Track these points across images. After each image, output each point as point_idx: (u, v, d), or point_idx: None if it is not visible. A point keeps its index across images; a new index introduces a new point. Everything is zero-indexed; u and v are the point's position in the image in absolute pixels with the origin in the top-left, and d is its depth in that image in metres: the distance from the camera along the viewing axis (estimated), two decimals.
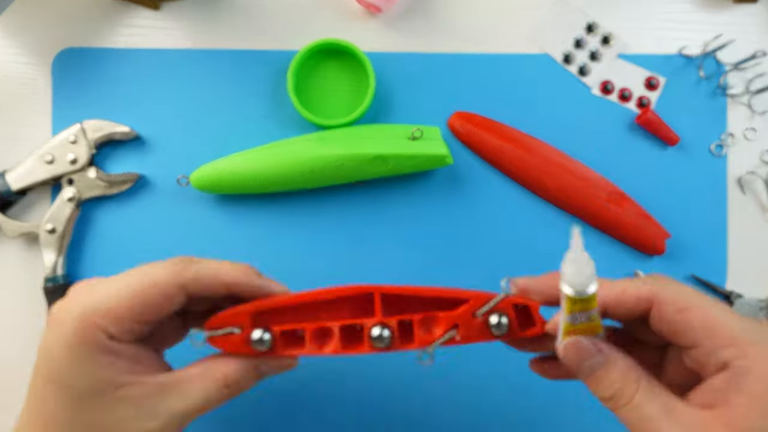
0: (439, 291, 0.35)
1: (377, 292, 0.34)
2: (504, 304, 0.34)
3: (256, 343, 0.34)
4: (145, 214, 0.52)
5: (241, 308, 0.34)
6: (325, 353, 0.34)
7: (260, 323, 0.34)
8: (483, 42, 0.53)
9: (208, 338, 0.34)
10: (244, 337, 0.34)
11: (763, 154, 0.53)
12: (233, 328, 0.34)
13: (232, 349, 0.34)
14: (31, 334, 0.52)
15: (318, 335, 0.35)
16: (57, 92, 0.52)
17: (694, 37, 0.53)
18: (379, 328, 0.34)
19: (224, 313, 0.34)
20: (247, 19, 0.53)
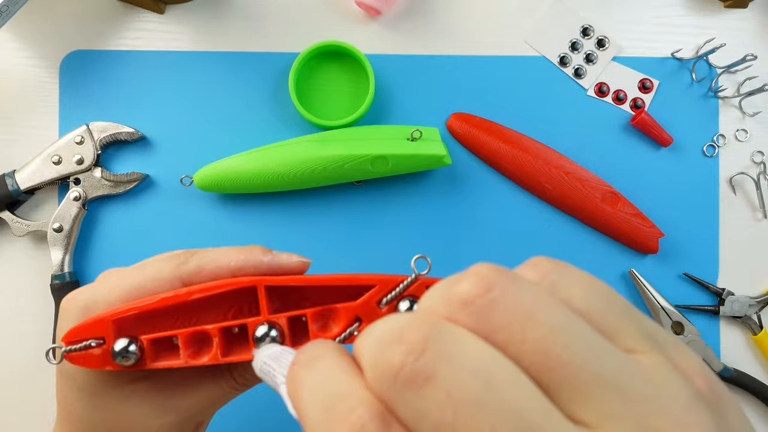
0: (337, 278, 0.28)
1: (261, 285, 0.28)
2: (416, 287, 0.28)
3: (119, 357, 0.27)
4: (150, 213, 0.53)
5: (102, 315, 0.28)
6: (201, 363, 0.28)
7: (129, 332, 0.28)
8: (481, 44, 0.54)
9: (66, 354, 0.28)
10: (107, 350, 0.28)
11: (754, 154, 0.54)
12: (92, 341, 0.28)
13: (94, 364, 0.28)
14: (38, 331, 0.52)
15: (195, 341, 0.29)
16: (64, 94, 0.53)
17: (687, 40, 0.54)
18: (265, 327, 0.27)
19: (83, 323, 0.28)
20: (249, 22, 0.53)
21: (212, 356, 0.28)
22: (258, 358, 0.24)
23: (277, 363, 0.22)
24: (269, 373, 0.22)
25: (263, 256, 0.30)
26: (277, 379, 0.21)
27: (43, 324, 0.52)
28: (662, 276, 0.53)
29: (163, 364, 0.29)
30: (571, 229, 0.53)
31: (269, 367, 0.22)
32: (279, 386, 0.21)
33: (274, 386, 0.22)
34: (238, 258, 0.29)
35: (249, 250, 0.30)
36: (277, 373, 0.22)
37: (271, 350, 0.24)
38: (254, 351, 0.25)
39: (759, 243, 0.54)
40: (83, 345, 0.28)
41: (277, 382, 0.21)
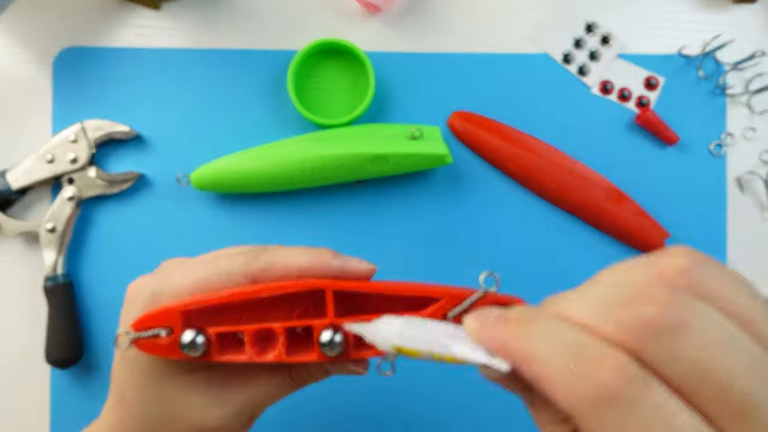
0: (406, 288, 0.29)
1: (329, 289, 0.29)
2: (483, 303, 0.28)
3: (187, 348, 0.29)
4: (145, 213, 0.52)
5: (171, 306, 0.30)
6: (266, 360, 0.29)
7: (194, 324, 0.30)
8: (482, 42, 0.53)
9: (134, 341, 0.29)
10: (174, 340, 0.29)
11: (762, 153, 0.53)
12: (160, 330, 0.29)
13: (161, 353, 0.30)
14: (31, 333, 0.52)
15: (260, 339, 0.30)
16: (57, 92, 0.52)
17: (694, 37, 0.53)
18: (330, 333, 0.28)
19: (152, 313, 0.30)
20: (247, 19, 0.53)
21: (277, 354, 0.29)
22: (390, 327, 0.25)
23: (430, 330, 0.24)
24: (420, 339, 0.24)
25: (333, 259, 0.30)
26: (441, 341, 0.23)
27: (35, 326, 0.52)
28: None
29: (229, 358, 0.30)
30: (575, 229, 0.53)
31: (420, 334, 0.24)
32: (451, 347, 0.23)
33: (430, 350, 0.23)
34: (307, 259, 0.30)
35: (319, 252, 0.30)
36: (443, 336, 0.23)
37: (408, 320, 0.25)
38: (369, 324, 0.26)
39: (767, 243, 0.53)
40: (152, 333, 0.29)
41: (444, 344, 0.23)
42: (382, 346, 0.25)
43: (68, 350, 0.50)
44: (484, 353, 0.22)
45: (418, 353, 0.24)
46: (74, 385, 0.52)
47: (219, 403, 0.32)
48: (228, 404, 0.32)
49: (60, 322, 0.50)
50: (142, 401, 0.32)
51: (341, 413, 0.52)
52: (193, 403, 0.31)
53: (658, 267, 0.20)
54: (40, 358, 0.51)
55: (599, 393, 0.18)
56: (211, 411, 0.32)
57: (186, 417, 0.31)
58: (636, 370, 0.18)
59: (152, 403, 0.31)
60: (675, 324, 0.18)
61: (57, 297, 0.50)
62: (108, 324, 0.52)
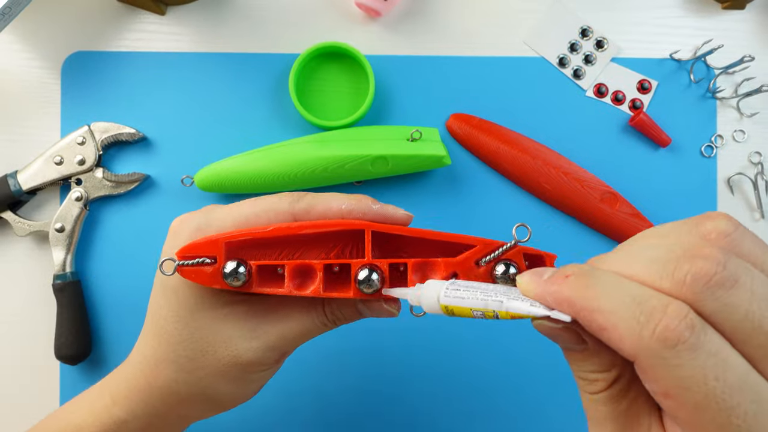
0: (441, 234, 0.30)
1: (369, 229, 0.30)
2: (514, 253, 0.30)
3: (229, 277, 0.30)
4: (151, 213, 0.53)
5: (217, 237, 0.30)
6: (304, 294, 0.30)
7: (236, 255, 0.30)
8: (480, 45, 0.54)
9: (178, 267, 0.30)
10: (217, 269, 0.30)
11: (752, 155, 0.54)
12: (205, 258, 0.30)
13: (203, 281, 0.30)
14: (41, 330, 0.52)
15: (299, 274, 0.31)
16: (66, 95, 0.53)
17: (685, 41, 0.54)
18: (368, 271, 0.29)
19: (197, 242, 0.30)
20: (250, 23, 0.54)
21: (314, 289, 0.30)
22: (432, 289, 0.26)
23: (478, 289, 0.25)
24: (470, 298, 0.25)
25: (372, 204, 0.31)
26: (495, 298, 0.24)
27: (45, 323, 0.52)
28: None
29: (268, 290, 0.30)
30: (570, 229, 0.54)
31: (468, 293, 0.25)
32: (507, 303, 0.24)
33: (484, 306, 0.24)
34: (349, 203, 0.31)
35: (358, 198, 0.32)
36: (494, 293, 0.24)
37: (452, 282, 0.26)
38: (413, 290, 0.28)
39: None
40: (197, 261, 0.30)
41: (498, 300, 0.24)
42: (429, 306, 0.27)
43: (77, 346, 0.50)
44: (543, 307, 0.23)
45: (468, 311, 0.25)
46: (83, 380, 0.52)
47: (253, 336, 0.32)
48: (262, 338, 0.32)
49: (69, 319, 0.50)
50: (179, 331, 0.32)
51: (340, 412, 0.53)
52: (229, 336, 0.32)
53: (702, 228, 0.22)
54: (50, 354, 0.52)
55: (665, 337, 0.19)
56: (245, 343, 0.32)
57: (221, 349, 0.32)
58: (696, 318, 0.20)
59: (189, 333, 0.32)
60: (729, 279, 0.20)
61: (66, 295, 0.51)
62: (115, 320, 0.52)
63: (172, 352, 0.32)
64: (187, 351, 0.32)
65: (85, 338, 0.51)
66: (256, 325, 0.32)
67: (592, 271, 0.22)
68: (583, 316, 0.22)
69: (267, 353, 0.33)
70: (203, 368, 0.32)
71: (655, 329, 0.20)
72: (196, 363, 0.32)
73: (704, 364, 0.19)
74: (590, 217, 0.52)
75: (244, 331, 0.32)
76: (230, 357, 0.32)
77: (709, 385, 0.19)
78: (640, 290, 0.21)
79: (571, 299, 0.22)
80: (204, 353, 0.32)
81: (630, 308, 0.20)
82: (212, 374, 0.33)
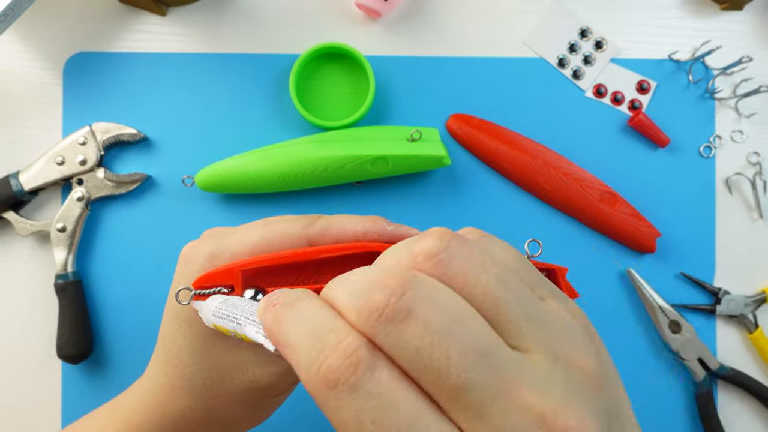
0: None
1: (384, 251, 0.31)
2: None
3: None
4: (152, 213, 0.53)
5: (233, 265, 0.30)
6: None
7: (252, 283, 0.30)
8: (480, 46, 0.54)
9: (195, 297, 0.29)
10: None
11: (750, 155, 0.54)
12: (222, 287, 0.29)
13: None
14: (42, 330, 0.53)
15: None
16: (67, 95, 0.53)
17: (684, 42, 0.54)
18: None
19: (214, 271, 0.30)
20: (250, 24, 0.54)
21: None
22: (209, 304, 0.26)
23: (236, 308, 0.25)
24: (228, 316, 0.25)
25: (386, 225, 0.31)
26: (239, 320, 0.24)
27: (47, 322, 0.53)
28: (659, 275, 0.54)
29: None
30: (570, 228, 0.54)
31: (228, 311, 0.25)
32: (244, 326, 0.23)
33: (233, 328, 0.24)
34: (363, 225, 0.31)
35: (373, 219, 0.31)
36: (240, 316, 0.24)
37: (225, 299, 0.26)
38: (202, 302, 0.28)
39: (755, 243, 0.54)
40: (214, 290, 0.29)
41: (240, 323, 0.24)
42: (207, 323, 0.27)
43: (79, 346, 0.50)
44: (264, 335, 0.22)
45: (226, 331, 0.25)
46: (85, 379, 0.52)
47: (269, 363, 0.32)
48: (277, 363, 0.32)
49: (70, 319, 0.51)
50: (194, 361, 0.32)
51: None
52: (246, 362, 0.31)
53: (414, 248, 0.21)
54: (52, 354, 0.52)
55: (327, 377, 0.18)
56: (262, 369, 0.32)
57: (238, 375, 0.31)
58: (363, 355, 0.18)
59: (206, 362, 0.31)
60: (401, 312, 0.19)
61: (67, 294, 0.51)
62: (117, 320, 0.53)
63: (188, 381, 0.32)
64: (203, 380, 0.32)
65: (86, 337, 0.51)
66: None
67: (294, 301, 0.21)
68: (280, 350, 0.20)
69: (284, 377, 0.32)
70: (220, 396, 0.32)
71: (320, 367, 0.18)
72: (213, 391, 0.32)
73: (362, 406, 0.18)
74: (589, 217, 0.53)
75: (259, 357, 0.32)
76: (248, 383, 0.32)
77: (366, 429, 0.18)
78: (326, 322, 0.20)
79: (271, 330, 0.21)
80: (221, 381, 0.32)
81: (309, 343, 0.19)
82: (229, 401, 0.32)
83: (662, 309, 0.53)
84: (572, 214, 0.53)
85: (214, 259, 0.31)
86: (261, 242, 0.30)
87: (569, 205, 0.53)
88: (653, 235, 0.52)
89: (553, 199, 0.53)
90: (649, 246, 0.52)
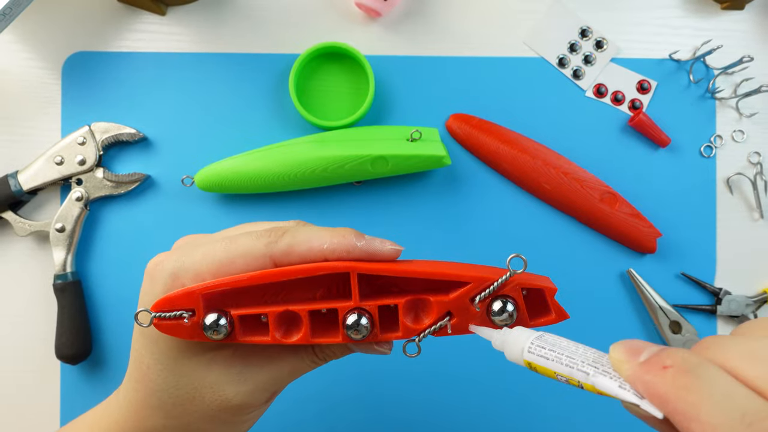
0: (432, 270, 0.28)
1: (353, 271, 0.28)
2: (511, 288, 0.27)
3: (209, 330, 0.28)
4: (151, 213, 0.53)
5: (193, 288, 0.29)
6: (290, 342, 0.29)
7: (216, 305, 0.29)
8: (480, 45, 0.54)
9: (154, 321, 0.28)
10: (196, 323, 0.29)
11: (751, 155, 0.54)
12: (182, 312, 0.28)
13: (182, 334, 0.29)
14: (41, 330, 0.53)
15: (284, 321, 0.29)
16: (66, 95, 0.53)
17: (685, 42, 0.54)
18: (356, 316, 0.28)
19: (174, 294, 0.29)
20: (250, 23, 0.54)
21: (301, 337, 0.29)
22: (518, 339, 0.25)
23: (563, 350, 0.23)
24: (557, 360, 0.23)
25: (356, 240, 0.29)
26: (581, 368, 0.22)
27: (45, 323, 0.53)
28: (660, 276, 0.54)
29: (252, 339, 0.29)
30: (570, 229, 0.54)
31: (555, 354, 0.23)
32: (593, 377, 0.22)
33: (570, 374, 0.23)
34: (330, 241, 0.29)
35: (342, 234, 0.29)
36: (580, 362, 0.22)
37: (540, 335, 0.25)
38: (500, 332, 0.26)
39: (756, 243, 0.54)
40: (174, 315, 0.28)
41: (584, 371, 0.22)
42: (512, 357, 0.25)
43: (77, 346, 0.50)
44: (635, 393, 0.20)
45: (552, 373, 0.23)
46: (83, 379, 0.52)
47: (242, 380, 0.31)
48: (251, 381, 0.31)
49: (69, 319, 0.50)
50: (163, 379, 0.31)
51: (344, 413, 0.53)
52: (216, 381, 0.31)
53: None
54: (51, 354, 0.52)
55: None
56: (234, 387, 0.31)
57: (209, 394, 0.31)
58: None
59: (174, 381, 0.31)
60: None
61: (66, 295, 0.51)
62: (116, 321, 0.53)
63: (158, 399, 0.31)
64: (173, 398, 0.31)
65: (85, 338, 0.51)
66: (243, 368, 0.31)
67: (697, 368, 0.19)
68: (678, 420, 0.18)
69: (256, 395, 0.32)
70: (191, 413, 0.32)
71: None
72: (183, 408, 0.31)
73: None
74: (590, 217, 0.53)
75: (231, 375, 0.31)
76: (219, 402, 0.31)
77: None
78: (754, 405, 0.17)
79: (668, 398, 0.19)
80: (191, 399, 0.31)
81: (736, 424, 0.17)
82: (201, 419, 0.32)
83: (663, 309, 0.52)
84: (572, 214, 0.53)
85: (177, 279, 0.30)
86: (224, 261, 0.29)
87: (569, 205, 0.53)
88: (654, 235, 0.52)
89: (553, 199, 0.53)
90: (650, 246, 0.52)
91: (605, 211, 0.52)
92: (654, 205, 0.53)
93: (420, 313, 0.29)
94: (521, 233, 0.53)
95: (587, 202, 0.52)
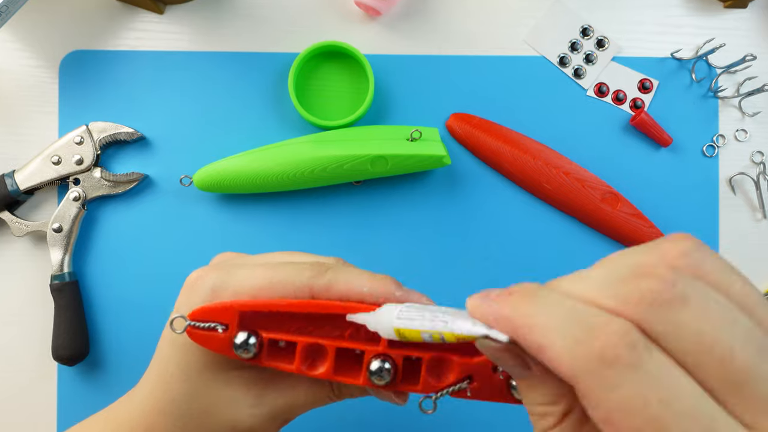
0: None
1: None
2: None
3: (239, 349, 0.29)
4: (149, 214, 0.53)
5: (232, 303, 0.30)
6: (313, 375, 0.29)
7: (249, 324, 0.30)
8: (480, 44, 0.54)
9: (188, 328, 0.30)
10: (228, 338, 0.29)
11: (754, 155, 0.54)
12: (218, 325, 0.29)
13: (213, 347, 0.30)
14: (39, 331, 0.52)
15: (310, 352, 0.30)
16: (63, 94, 0.53)
17: (687, 40, 0.54)
18: (380, 362, 0.28)
19: (212, 306, 0.30)
20: (249, 22, 0.53)
21: (324, 372, 0.29)
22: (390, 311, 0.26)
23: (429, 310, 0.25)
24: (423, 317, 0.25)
25: (396, 290, 0.30)
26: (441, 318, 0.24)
27: (42, 323, 0.52)
28: None
29: (276, 365, 0.30)
30: (571, 229, 0.53)
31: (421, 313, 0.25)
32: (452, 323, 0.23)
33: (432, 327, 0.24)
34: (371, 285, 0.30)
35: (382, 280, 0.30)
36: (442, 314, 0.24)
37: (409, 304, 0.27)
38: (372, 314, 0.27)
39: (759, 243, 0.54)
40: (209, 326, 0.29)
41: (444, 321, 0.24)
42: (385, 332, 0.26)
43: (74, 347, 0.50)
44: (485, 326, 0.22)
45: (418, 334, 0.25)
46: (80, 381, 0.52)
47: (258, 404, 0.32)
48: (266, 405, 0.32)
49: (66, 320, 0.50)
50: (184, 390, 0.32)
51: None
52: (233, 400, 0.32)
53: (660, 249, 0.21)
54: (48, 355, 0.52)
55: (603, 355, 0.18)
56: (249, 410, 0.32)
57: (222, 412, 0.32)
58: (639, 337, 0.18)
59: (194, 392, 0.32)
60: (677, 298, 0.19)
61: (63, 295, 0.50)
62: (113, 322, 0.52)
63: (177, 408, 0.32)
64: (188, 409, 0.32)
65: (82, 339, 0.51)
66: (262, 391, 0.32)
67: (536, 289, 0.22)
68: (521, 334, 0.21)
69: (268, 421, 0.32)
70: (200, 427, 0.32)
71: (592, 347, 0.19)
72: (195, 421, 0.32)
73: (646, 385, 0.18)
74: (591, 217, 0.52)
75: (249, 397, 0.32)
76: (231, 421, 0.32)
77: (652, 408, 0.18)
78: (582, 308, 0.20)
79: (510, 317, 0.21)
80: (206, 414, 0.32)
81: (568, 325, 0.19)
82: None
83: None
84: (573, 215, 0.53)
85: (217, 295, 0.30)
86: (264, 285, 0.30)
87: (570, 206, 0.52)
88: (656, 235, 0.52)
89: (554, 199, 0.53)
90: None
91: (606, 211, 0.52)
92: (656, 205, 0.53)
93: (443, 372, 0.29)
94: (522, 233, 0.53)
95: (588, 202, 0.52)
